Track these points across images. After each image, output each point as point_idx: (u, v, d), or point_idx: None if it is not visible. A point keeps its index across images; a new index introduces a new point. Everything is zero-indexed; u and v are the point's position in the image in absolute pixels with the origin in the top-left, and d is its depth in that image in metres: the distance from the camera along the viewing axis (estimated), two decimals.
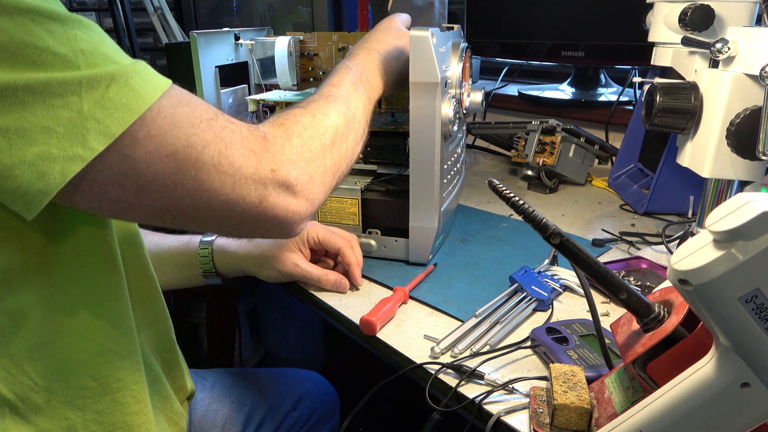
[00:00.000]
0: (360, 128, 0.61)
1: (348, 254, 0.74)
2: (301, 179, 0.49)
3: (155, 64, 2.36)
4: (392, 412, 1.48)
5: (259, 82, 0.90)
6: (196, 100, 0.46)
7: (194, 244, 0.76)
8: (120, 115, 0.40)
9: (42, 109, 0.38)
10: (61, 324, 0.49)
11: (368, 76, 0.66)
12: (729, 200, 0.33)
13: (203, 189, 0.44)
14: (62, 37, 0.39)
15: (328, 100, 0.58)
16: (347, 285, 0.74)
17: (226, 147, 0.45)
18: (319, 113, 0.55)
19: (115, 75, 0.40)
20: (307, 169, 0.50)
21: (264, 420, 0.85)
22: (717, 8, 0.68)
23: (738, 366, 0.34)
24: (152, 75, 0.43)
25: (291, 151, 0.50)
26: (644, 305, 0.42)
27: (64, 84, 0.38)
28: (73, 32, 0.39)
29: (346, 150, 0.58)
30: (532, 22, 1.37)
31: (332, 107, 0.57)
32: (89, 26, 0.41)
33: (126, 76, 0.41)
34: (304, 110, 0.55)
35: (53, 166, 0.39)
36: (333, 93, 0.60)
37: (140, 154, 0.41)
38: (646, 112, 0.66)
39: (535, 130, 1.11)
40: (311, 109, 0.55)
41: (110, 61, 0.41)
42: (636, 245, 0.84)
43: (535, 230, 0.40)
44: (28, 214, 0.40)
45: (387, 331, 0.65)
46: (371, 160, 0.85)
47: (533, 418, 0.49)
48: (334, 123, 0.56)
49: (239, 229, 0.49)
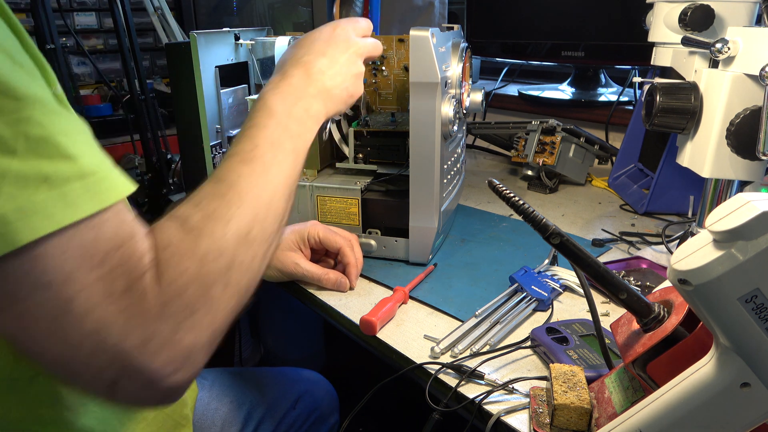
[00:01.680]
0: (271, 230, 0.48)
1: (348, 254, 0.74)
2: (175, 360, 0.39)
3: (155, 64, 2.36)
4: (392, 412, 1.48)
5: (259, 82, 0.90)
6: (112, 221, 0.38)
7: None
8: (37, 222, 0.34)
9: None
10: None
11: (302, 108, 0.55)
12: (729, 200, 0.33)
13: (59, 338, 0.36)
14: (11, 117, 0.34)
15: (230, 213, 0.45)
16: (348, 284, 0.74)
17: (101, 298, 0.36)
18: (211, 252, 0.42)
19: (50, 177, 0.34)
20: (185, 343, 0.40)
21: (263, 419, 0.85)
22: (717, 8, 0.68)
23: (738, 366, 0.34)
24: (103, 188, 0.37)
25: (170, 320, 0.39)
26: (644, 305, 0.42)
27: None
28: (27, 113, 0.34)
29: (246, 283, 0.45)
30: (532, 22, 1.37)
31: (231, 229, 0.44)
32: (57, 113, 0.36)
33: (65, 181, 0.35)
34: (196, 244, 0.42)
35: None
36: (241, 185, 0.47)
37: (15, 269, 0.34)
38: (646, 112, 0.66)
39: (535, 130, 1.11)
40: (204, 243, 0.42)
41: (61, 155, 0.35)
42: (636, 245, 0.84)
43: (535, 230, 0.40)
44: None
45: (387, 331, 0.65)
46: (371, 160, 0.85)
47: (533, 418, 0.49)
48: (231, 257, 0.43)
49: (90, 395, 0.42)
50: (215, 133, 0.86)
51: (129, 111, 1.44)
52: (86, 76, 2.21)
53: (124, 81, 1.70)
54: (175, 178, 1.23)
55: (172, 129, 1.07)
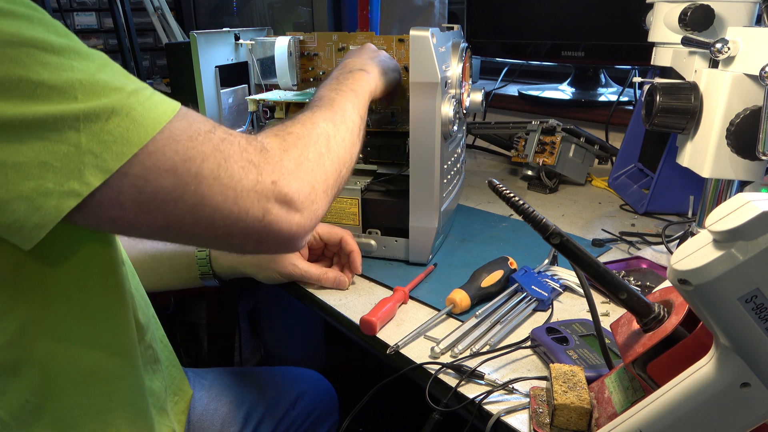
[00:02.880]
0: (353, 126, 0.60)
1: (350, 242, 0.75)
2: (303, 191, 0.48)
3: (155, 64, 2.36)
4: (392, 412, 1.48)
5: (259, 82, 0.90)
6: (192, 114, 0.45)
7: (191, 247, 0.76)
8: (119, 148, 0.39)
9: (39, 144, 0.37)
10: (54, 344, 0.49)
11: (351, 77, 0.66)
12: (729, 200, 0.33)
13: (204, 204, 0.43)
14: (58, 69, 0.38)
15: (313, 110, 0.58)
16: (347, 282, 0.74)
17: (225, 159, 0.44)
18: (308, 122, 0.55)
19: (115, 107, 0.39)
20: (308, 179, 0.49)
21: (263, 419, 0.85)
22: (717, 8, 0.68)
23: (738, 366, 0.34)
24: (157, 103, 0.42)
25: (290, 161, 0.49)
26: (644, 305, 0.42)
27: (60, 118, 0.38)
28: (69, 63, 0.39)
29: (344, 154, 0.57)
30: (532, 22, 1.37)
31: (318, 115, 0.57)
32: (87, 54, 0.40)
33: (128, 107, 0.40)
34: (293, 122, 0.54)
35: (49, 201, 0.38)
36: (315, 104, 0.60)
37: (138, 170, 0.40)
38: (646, 112, 0.66)
39: (535, 130, 1.11)
40: (299, 120, 0.55)
41: (110, 88, 0.40)
42: (636, 245, 0.84)
43: (535, 230, 0.40)
44: (26, 245, 0.40)
45: (387, 331, 0.65)
46: (371, 160, 0.85)
47: (533, 418, 0.49)
48: (324, 130, 0.55)
49: (243, 246, 0.48)
50: None
51: None
52: None
53: None
54: None
55: None
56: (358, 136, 0.61)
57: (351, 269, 0.76)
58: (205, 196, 0.43)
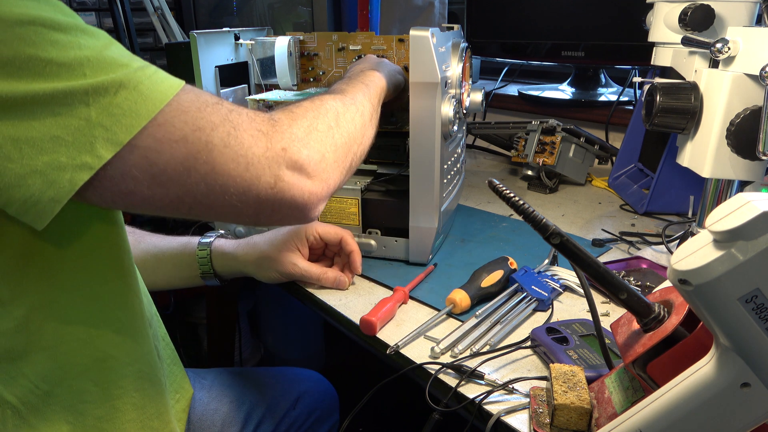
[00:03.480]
0: (363, 109, 0.60)
1: (350, 241, 0.75)
2: (313, 158, 0.49)
3: (155, 64, 2.36)
4: (392, 412, 1.48)
5: (259, 82, 0.90)
6: (198, 89, 0.46)
7: (192, 245, 0.76)
8: (128, 121, 0.40)
9: (51, 119, 0.38)
10: (63, 329, 0.49)
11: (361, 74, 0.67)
12: (729, 200, 0.33)
13: (216, 172, 0.44)
14: (66, 47, 0.39)
15: (323, 95, 0.59)
16: (347, 281, 0.74)
17: (235, 128, 0.45)
18: (317, 100, 0.56)
19: (123, 81, 0.40)
20: (317, 147, 0.50)
21: (263, 419, 0.85)
22: (717, 8, 0.68)
23: (738, 366, 0.34)
24: (163, 78, 0.43)
25: (299, 129, 0.49)
26: (644, 305, 0.42)
27: (70, 94, 0.38)
28: (76, 40, 0.39)
29: (354, 131, 0.57)
30: (532, 22, 1.37)
31: (327, 97, 0.58)
32: (93, 32, 0.41)
33: (135, 81, 0.41)
34: (301, 101, 0.55)
35: (62, 174, 0.39)
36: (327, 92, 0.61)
37: (149, 142, 0.41)
38: (646, 112, 0.66)
39: (535, 130, 1.11)
40: (307, 99, 0.56)
41: (117, 64, 0.41)
42: (636, 245, 0.84)
43: (535, 230, 0.40)
44: (40, 223, 0.40)
45: (387, 331, 0.65)
46: (371, 160, 0.85)
47: (533, 418, 0.49)
48: (333, 107, 0.56)
49: (257, 215, 0.48)
50: None
51: None
52: None
53: None
54: None
55: None
56: (370, 120, 0.61)
57: (351, 269, 0.76)
58: (216, 164, 0.44)
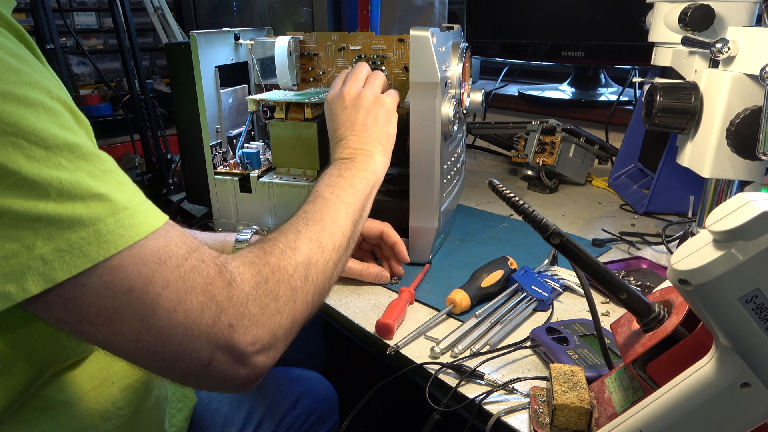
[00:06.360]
0: (342, 240, 0.57)
1: (391, 233, 0.75)
2: (262, 339, 0.44)
3: (155, 64, 2.36)
4: (392, 412, 1.48)
5: (259, 82, 0.90)
6: (174, 233, 0.41)
7: (230, 242, 0.76)
8: (72, 260, 0.36)
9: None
10: None
11: (352, 162, 0.65)
12: (729, 200, 0.33)
13: (152, 335, 0.40)
14: (40, 163, 0.35)
15: (299, 227, 0.54)
16: (389, 276, 0.75)
17: (187, 292, 0.40)
18: (289, 248, 0.50)
19: (83, 217, 0.36)
20: (270, 325, 0.45)
21: (263, 419, 0.85)
22: (717, 8, 0.68)
23: (738, 366, 0.34)
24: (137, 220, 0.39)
25: (255, 304, 0.44)
26: (644, 305, 0.42)
27: (22, 215, 0.35)
28: (56, 159, 0.36)
29: (323, 281, 0.52)
30: (532, 22, 1.37)
31: (303, 237, 0.53)
32: (86, 155, 0.38)
33: (97, 218, 0.37)
34: (274, 245, 0.50)
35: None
36: (307, 212, 0.57)
37: (94, 284, 0.37)
38: (646, 112, 0.66)
39: (535, 130, 1.11)
40: (282, 242, 0.51)
41: (91, 194, 0.37)
42: (636, 245, 0.84)
43: (535, 230, 0.40)
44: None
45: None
46: None
47: (533, 418, 0.49)
48: (306, 257, 0.51)
49: (182, 381, 0.45)
50: (215, 133, 0.86)
51: (129, 111, 1.44)
52: (86, 76, 2.21)
53: (124, 81, 1.70)
54: (175, 178, 1.22)
55: (172, 129, 1.07)
56: (346, 248, 0.58)
57: (399, 259, 0.76)
58: (153, 327, 0.39)
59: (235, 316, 0.42)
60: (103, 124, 1.94)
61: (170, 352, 0.41)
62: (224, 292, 0.42)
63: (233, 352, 0.42)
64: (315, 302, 0.51)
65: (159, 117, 1.31)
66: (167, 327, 0.40)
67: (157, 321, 0.39)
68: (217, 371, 0.43)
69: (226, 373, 0.43)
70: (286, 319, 0.47)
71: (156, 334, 0.40)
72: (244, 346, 0.43)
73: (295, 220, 0.55)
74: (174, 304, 0.39)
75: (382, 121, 0.70)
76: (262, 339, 0.44)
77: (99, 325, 0.39)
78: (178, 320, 0.40)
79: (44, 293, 0.36)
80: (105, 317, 0.38)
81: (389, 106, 0.71)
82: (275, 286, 0.46)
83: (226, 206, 0.87)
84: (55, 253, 0.36)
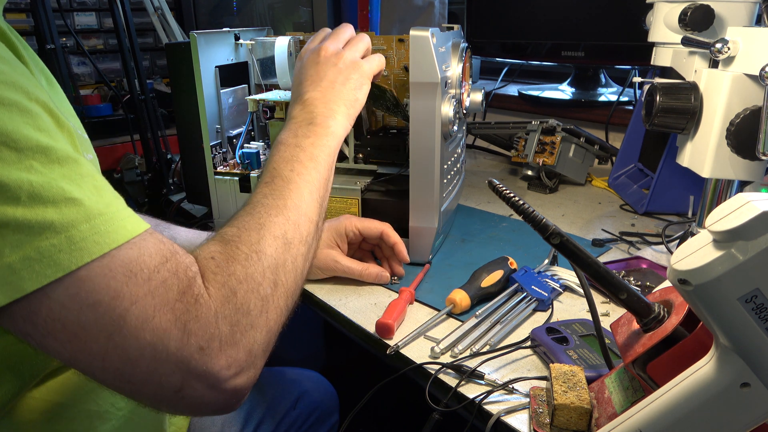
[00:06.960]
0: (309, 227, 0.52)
1: (392, 234, 0.75)
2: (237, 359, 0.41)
3: (155, 64, 2.36)
4: (392, 412, 1.48)
5: (259, 82, 0.90)
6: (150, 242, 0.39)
7: None
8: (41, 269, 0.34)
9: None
10: None
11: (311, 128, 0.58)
12: (729, 200, 0.33)
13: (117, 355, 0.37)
14: (11, 165, 0.34)
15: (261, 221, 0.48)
16: (389, 276, 0.75)
17: (155, 309, 0.37)
18: (253, 252, 0.45)
19: (54, 222, 0.34)
20: (244, 343, 0.41)
21: (263, 419, 0.85)
22: (717, 8, 0.68)
23: (738, 366, 0.34)
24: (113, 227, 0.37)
25: (225, 322, 0.40)
26: (644, 305, 0.42)
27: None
28: (29, 162, 0.34)
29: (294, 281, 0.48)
30: (532, 22, 1.37)
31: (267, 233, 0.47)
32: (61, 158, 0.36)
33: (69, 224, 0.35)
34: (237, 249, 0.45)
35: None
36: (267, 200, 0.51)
37: (60, 296, 0.35)
38: (646, 112, 0.66)
39: (535, 130, 1.11)
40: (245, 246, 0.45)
41: (64, 198, 0.35)
42: (636, 245, 0.84)
43: (535, 230, 0.40)
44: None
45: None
46: (371, 160, 0.85)
47: (533, 418, 0.49)
48: (273, 259, 0.46)
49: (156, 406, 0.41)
50: (215, 133, 0.86)
51: (129, 111, 1.44)
52: (86, 76, 2.21)
53: (124, 81, 1.70)
54: (175, 178, 1.23)
55: (172, 129, 1.08)
56: (315, 235, 0.53)
57: (399, 259, 0.76)
58: (118, 347, 0.37)
59: (204, 338, 0.39)
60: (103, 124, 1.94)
61: (138, 375, 0.38)
62: (194, 310, 0.39)
63: (206, 378, 0.39)
64: (288, 306, 0.47)
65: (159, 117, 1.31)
66: (134, 347, 0.37)
67: (124, 340, 0.36)
68: (191, 398, 0.39)
69: (201, 400, 0.40)
70: (260, 333, 0.43)
71: (123, 354, 0.37)
72: (217, 370, 0.39)
73: (255, 209, 0.49)
74: (141, 321, 0.37)
75: (352, 85, 0.63)
76: (238, 360, 0.41)
77: (64, 341, 0.36)
78: (146, 340, 0.37)
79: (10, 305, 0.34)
80: (70, 332, 0.36)
81: (365, 72, 0.65)
82: (244, 298, 0.42)
83: (226, 206, 0.87)
84: (24, 261, 0.34)
